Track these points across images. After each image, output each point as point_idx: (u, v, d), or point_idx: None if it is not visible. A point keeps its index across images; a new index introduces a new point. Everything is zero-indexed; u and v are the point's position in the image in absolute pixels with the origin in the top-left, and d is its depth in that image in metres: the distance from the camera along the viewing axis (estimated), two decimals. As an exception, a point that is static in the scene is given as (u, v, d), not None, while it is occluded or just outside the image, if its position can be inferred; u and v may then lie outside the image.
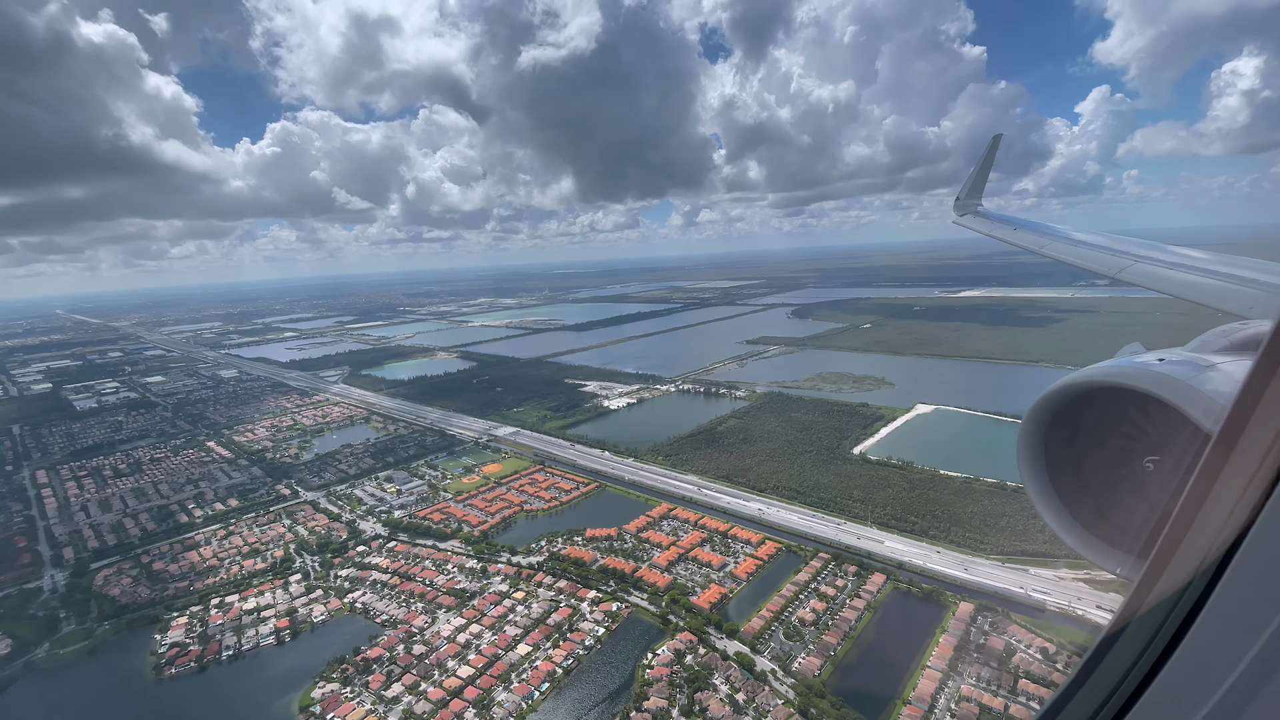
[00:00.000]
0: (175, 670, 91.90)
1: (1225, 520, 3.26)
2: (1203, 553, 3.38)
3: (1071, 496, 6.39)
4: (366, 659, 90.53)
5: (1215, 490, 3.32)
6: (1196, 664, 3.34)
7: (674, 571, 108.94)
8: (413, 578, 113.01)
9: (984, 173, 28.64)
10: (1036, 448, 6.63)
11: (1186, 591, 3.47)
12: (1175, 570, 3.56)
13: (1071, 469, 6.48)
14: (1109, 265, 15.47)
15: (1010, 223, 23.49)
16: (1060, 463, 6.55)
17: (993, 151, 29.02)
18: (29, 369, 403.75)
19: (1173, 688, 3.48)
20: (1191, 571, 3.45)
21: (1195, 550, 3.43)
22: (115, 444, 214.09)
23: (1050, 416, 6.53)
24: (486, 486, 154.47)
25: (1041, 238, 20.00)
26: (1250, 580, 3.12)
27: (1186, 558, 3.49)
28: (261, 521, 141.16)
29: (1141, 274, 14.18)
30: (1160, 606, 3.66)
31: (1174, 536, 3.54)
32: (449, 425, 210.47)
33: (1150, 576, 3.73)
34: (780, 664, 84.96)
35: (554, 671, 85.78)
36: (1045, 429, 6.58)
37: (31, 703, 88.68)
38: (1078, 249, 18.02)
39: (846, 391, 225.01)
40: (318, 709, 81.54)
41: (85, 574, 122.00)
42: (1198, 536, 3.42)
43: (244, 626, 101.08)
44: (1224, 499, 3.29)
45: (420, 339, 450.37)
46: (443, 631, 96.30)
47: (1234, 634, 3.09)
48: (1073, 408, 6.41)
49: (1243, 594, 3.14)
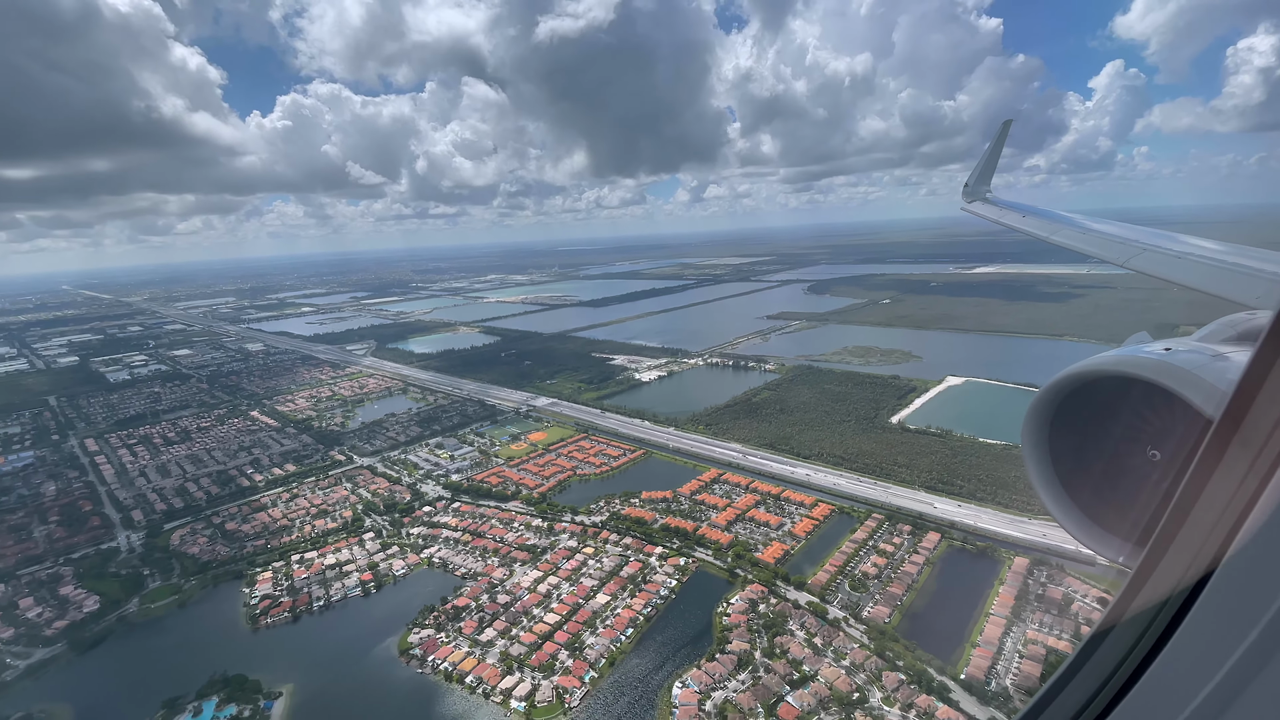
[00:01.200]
0: (270, 620, 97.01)
1: (1224, 510, 3.31)
2: (1201, 543, 3.42)
3: (1073, 484, 6.44)
4: (455, 607, 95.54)
5: (1214, 480, 3.37)
6: (1192, 652, 3.39)
7: (733, 530, 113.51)
8: (483, 534, 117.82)
9: (993, 159, 29.12)
10: (1041, 435, 6.69)
11: (1183, 581, 3.52)
12: (1173, 559, 3.59)
13: (1075, 457, 6.52)
14: (1117, 253, 15.74)
15: (1018, 210, 23.77)
16: (1063, 450, 6.60)
17: (1002, 137, 29.44)
18: (50, 343, 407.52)
19: (1168, 675, 3.54)
20: (1189, 561, 3.49)
21: (1193, 540, 3.47)
22: (158, 414, 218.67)
23: (1056, 404, 6.59)
24: (536, 453, 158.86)
25: (1050, 225, 20.28)
26: (1247, 571, 3.16)
27: (1185, 547, 3.52)
28: (323, 485, 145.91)
29: (1149, 262, 14.38)
30: (1155, 598, 3.69)
31: (1173, 525, 3.57)
32: (487, 396, 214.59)
33: (1148, 564, 3.75)
34: (850, 612, 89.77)
35: (635, 618, 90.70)
36: (1050, 416, 6.64)
37: (133, 653, 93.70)
38: (1086, 236, 18.25)
39: (875, 364, 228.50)
40: (418, 651, 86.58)
41: (160, 534, 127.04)
42: (1196, 526, 3.46)
43: (329, 580, 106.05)
44: (1223, 489, 3.33)
45: (438, 314, 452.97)
46: (522, 583, 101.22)
47: (1229, 624, 3.14)
48: (1078, 396, 6.44)
49: (1239, 585, 3.20)
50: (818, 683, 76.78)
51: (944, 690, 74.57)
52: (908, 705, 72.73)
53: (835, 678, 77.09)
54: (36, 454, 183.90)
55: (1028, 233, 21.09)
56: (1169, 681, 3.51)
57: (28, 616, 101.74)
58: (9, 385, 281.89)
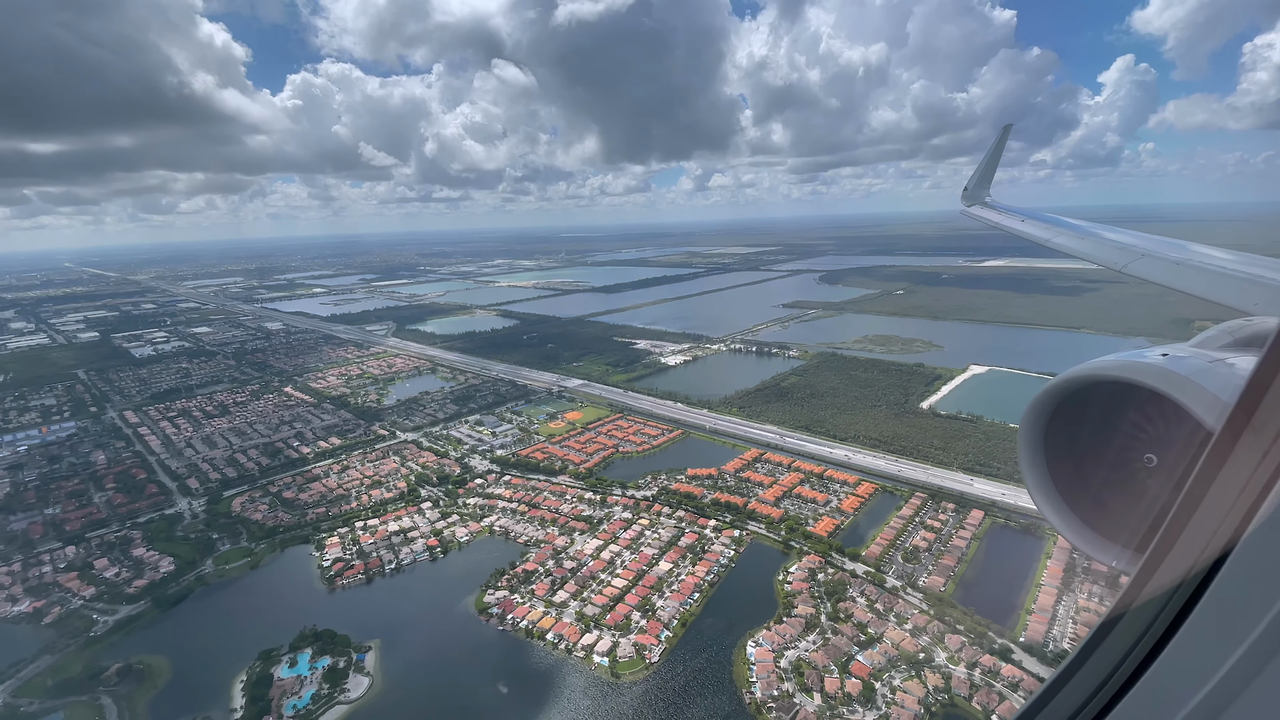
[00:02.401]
0: (345, 582, 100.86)
1: (1222, 519, 3.33)
2: (1198, 550, 3.44)
3: (1070, 490, 6.39)
4: (525, 571, 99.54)
5: (1213, 488, 3.39)
6: (1186, 659, 3.44)
7: (782, 506, 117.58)
8: (538, 505, 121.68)
9: (993, 163, 29.24)
10: (1037, 441, 6.63)
11: (1180, 588, 3.55)
12: (1170, 566, 3.63)
13: (1071, 463, 6.46)
14: (1116, 259, 15.58)
15: (1017, 213, 23.92)
16: (1060, 456, 6.54)
17: (1002, 142, 29.66)
18: (65, 319, 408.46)
19: (1162, 681, 3.59)
20: (1186, 569, 3.52)
21: (1191, 548, 3.50)
22: (191, 389, 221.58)
23: (1052, 409, 6.54)
24: (575, 431, 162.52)
25: (1049, 229, 20.36)
26: (1244, 579, 3.19)
27: (1182, 555, 3.56)
28: (371, 458, 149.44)
29: (1148, 268, 14.27)
30: (1153, 602, 3.72)
31: (1171, 533, 3.60)
32: (518, 377, 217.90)
33: (1145, 572, 3.78)
34: (906, 581, 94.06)
35: (700, 584, 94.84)
36: (1047, 422, 6.59)
37: (217, 610, 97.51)
38: (1085, 242, 18.18)
39: (897, 353, 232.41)
40: (496, 610, 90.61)
41: (220, 501, 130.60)
42: (1194, 534, 3.48)
43: (395, 545, 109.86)
44: (1222, 498, 3.35)
45: (451, 297, 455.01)
46: (585, 550, 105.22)
47: (1224, 633, 3.17)
48: (1075, 401, 6.40)
49: (1235, 593, 3.23)
50: (884, 643, 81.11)
51: (1006, 651, 78.95)
52: (972, 664, 77.10)
53: (900, 639, 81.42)
54: (78, 424, 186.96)
55: (1026, 236, 21.23)
56: (1166, 682, 3.56)
57: (106, 576, 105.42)
58: (35, 359, 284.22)
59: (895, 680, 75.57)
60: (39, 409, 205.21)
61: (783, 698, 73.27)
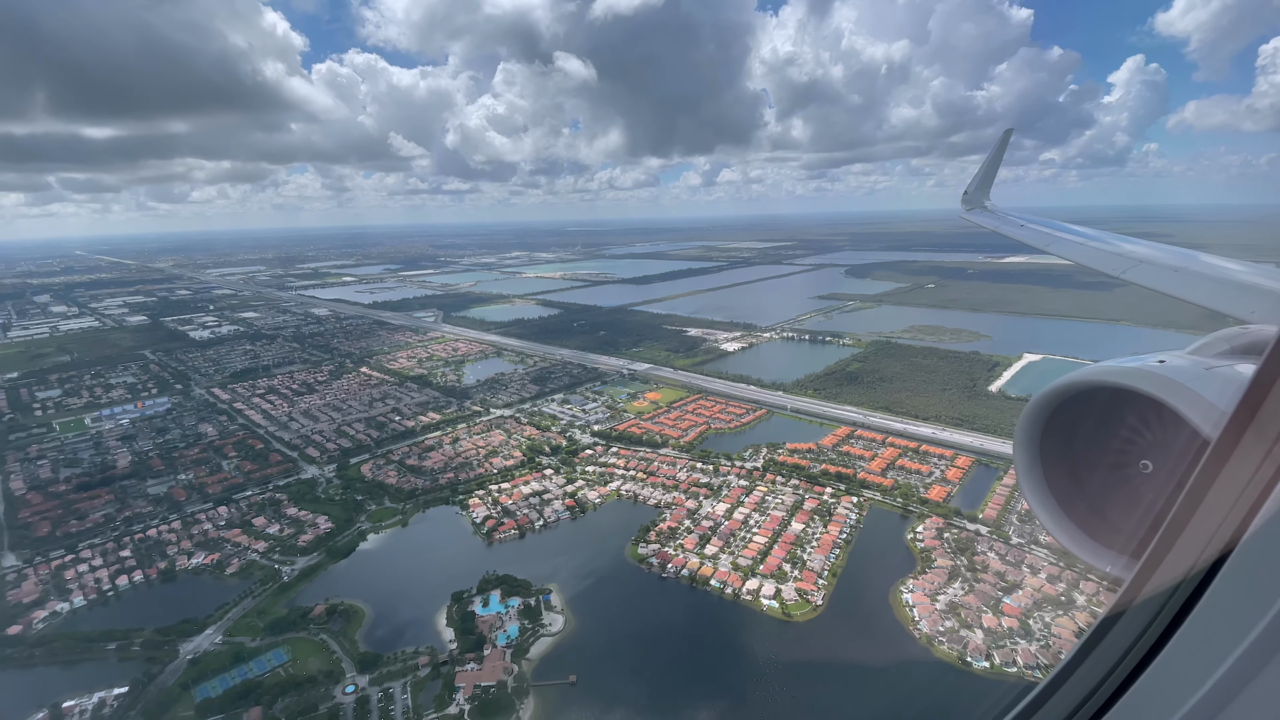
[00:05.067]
0: (501, 536, 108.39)
1: (1217, 526, 3.37)
2: (1193, 559, 3.49)
3: (1066, 496, 6.42)
4: (670, 527, 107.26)
5: (1210, 495, 3.42)
6: (1179, 666, 3.49)
7: (889, 476, 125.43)
8: (654, 473, 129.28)
9: (993, 168, 29.42)
10: (1033, 446, 6.67)
11: (1175, 594, 3.59)
12: (1163, 574, 3.68)
13: (1067, 469, 6.49)
14: (1113, 265, 15.60)
15: (1017, 219, 24.21)
16: (1056, 462, 6.57)
17: (1002, 146, 30.02)
18: (104, 303, 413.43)
19: (1155, 687, 3.64)
20: (1180, 575, 3.57)
21: (1185, 556, 3.55)
22: (267, 368, 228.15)
23: (1048, 415, 6.55)
24: (660, 410, 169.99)
25: (1048, 234, 20.48)
26: (1239, 585, 3.23)
27: (1176, 562, 3.60)
28: (475, 430, 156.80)
29: (1145, 275, 14.25)
30: (1147, 607, 3.78)
31: (1166, 539, 3.64)
32: (585, 361, 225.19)
33: (1140, 577, 3.84)
34: (1028, 539, 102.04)
35: (837, 541, 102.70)
36: (1043, 427, 6.61)
37: (389, 559, 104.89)
38: (1083, 248, 18.27)
39: (948, 342, 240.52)
40: (653, 560, 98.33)
41: (348, 468, 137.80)
42: (1188, 542, 3.53)
43: (535, 506, 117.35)
44: (1217, 505, 3.39)
45: (484, 287, 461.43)
46: (717, 511, 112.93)
47: (1217, 639, 3.21)
48: (1070, 407, 6.42)
49: (1230, 599, 3.27)
50: (1026, 589, 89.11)
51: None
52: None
53: (1039, 586, 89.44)
54: (170, 400, 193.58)
55: (1025, 242, 21.39)
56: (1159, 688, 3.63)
57: (269, 532, 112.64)
58: (93, 340, 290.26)
59: (1046, 618, 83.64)
60: (122, 386, 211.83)
61: (949, 632, 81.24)
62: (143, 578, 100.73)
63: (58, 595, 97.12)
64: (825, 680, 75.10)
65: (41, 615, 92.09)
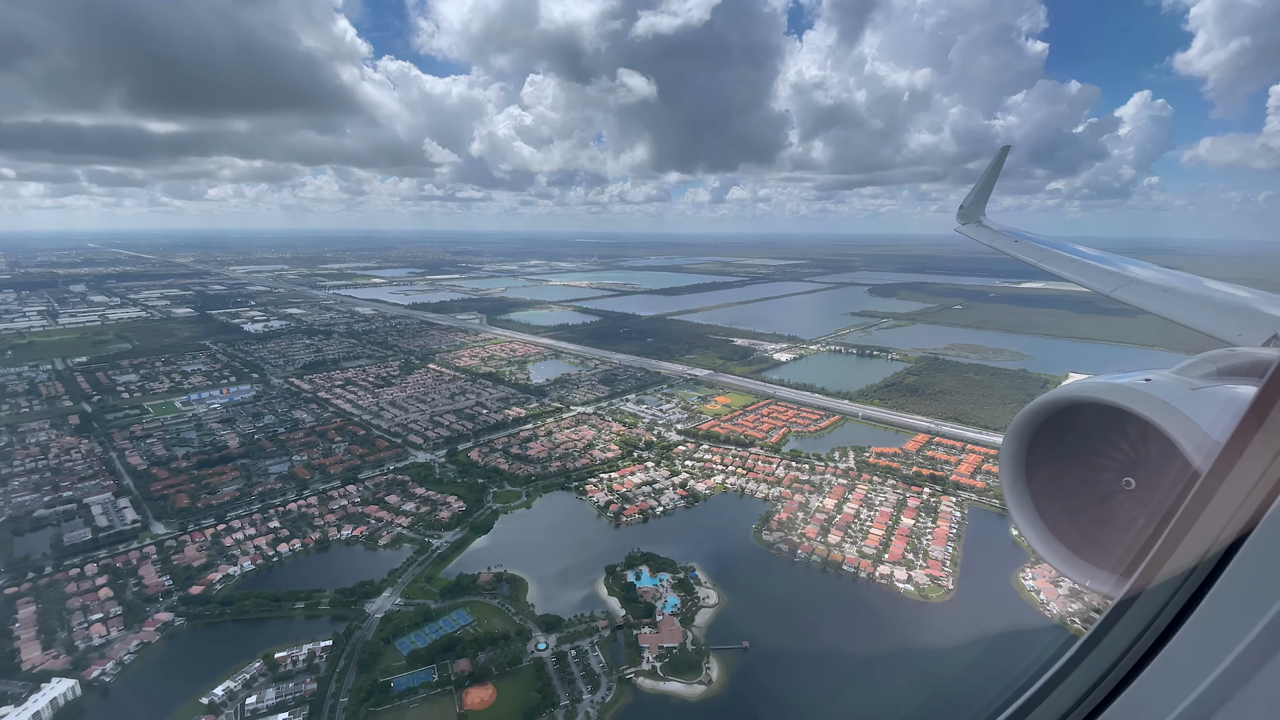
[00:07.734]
0: (627, 519, 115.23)
1: (1213, 539, 3.41)
2: (1179, 580, 3.54)
3: (1050, 511, 6.43)
4: (788, 517, 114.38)
5: (1200, 520, 3.46)
6: (1171, 674, 3.53)
7: (979, 478, 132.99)
8: (753, 469, 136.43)
9: (989, 183, 29.88)
10: (1019, 461, 6.75)
11: (1159, 616, 3.64)
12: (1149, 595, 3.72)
13: (1052, 484, 6.51)
14: (1104, 282, 15.78)
15: (1012, 235, 24.33)
16: (1042, 480, 6.60)
17: (999, 163, 30.40)
18: (142, 295, 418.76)
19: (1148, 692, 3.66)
20: (1165, 598, 3.62)
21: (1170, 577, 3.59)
22: (336, 362, 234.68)
23: (1033, 433, 6.63)
24: (736, 412, 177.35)
25: (1042, 252, 20.74)
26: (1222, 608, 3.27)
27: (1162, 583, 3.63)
28: (564, 424, 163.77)
29: (1134, 293, 14.40)
30: (1131, 625, 3.83)
31: (1158, 560, 3.68)
32: (645, 365, 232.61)
33: (1125, 599, 3.91)
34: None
35: (950, 534, 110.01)
36: (1028, 443, 6.69)
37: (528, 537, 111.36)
38: (1075, 265, 18.50)
39: (993, 360, 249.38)
40: (782, 546, 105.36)
41: (456, 454, 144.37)
42: (1176, 562, 3.56)
43: (649, 495, 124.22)
44: (1205, 530, 3.42)
45: (514, 293, 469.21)
46: (828, 505, 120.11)
47: (1199, 657, 3.27)
48: (1055, 424, 6.47)
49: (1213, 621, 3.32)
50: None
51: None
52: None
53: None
54: (253, 388, 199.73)
55: (1019, 258, 21.70)
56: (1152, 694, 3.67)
57: (407, 509, 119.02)
58: (149, 330, 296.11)
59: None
60: (199, 373, 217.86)
61: (1079, 612, 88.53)
62: (301, 546, 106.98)
63: (224, 560, 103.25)
64: (977, 646, 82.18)
65: (216, 577, 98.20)
